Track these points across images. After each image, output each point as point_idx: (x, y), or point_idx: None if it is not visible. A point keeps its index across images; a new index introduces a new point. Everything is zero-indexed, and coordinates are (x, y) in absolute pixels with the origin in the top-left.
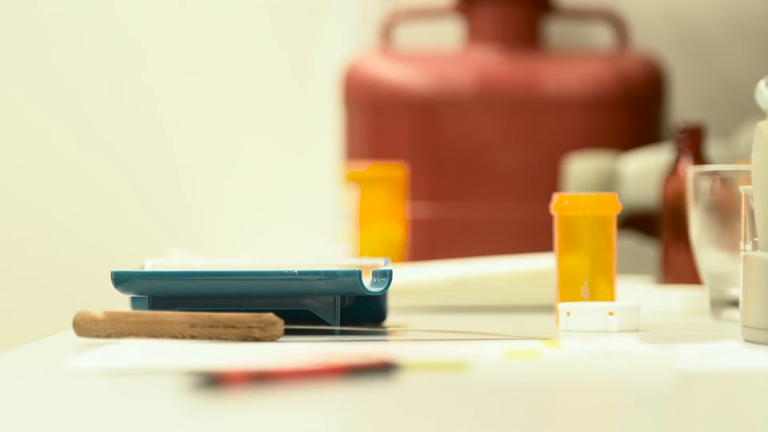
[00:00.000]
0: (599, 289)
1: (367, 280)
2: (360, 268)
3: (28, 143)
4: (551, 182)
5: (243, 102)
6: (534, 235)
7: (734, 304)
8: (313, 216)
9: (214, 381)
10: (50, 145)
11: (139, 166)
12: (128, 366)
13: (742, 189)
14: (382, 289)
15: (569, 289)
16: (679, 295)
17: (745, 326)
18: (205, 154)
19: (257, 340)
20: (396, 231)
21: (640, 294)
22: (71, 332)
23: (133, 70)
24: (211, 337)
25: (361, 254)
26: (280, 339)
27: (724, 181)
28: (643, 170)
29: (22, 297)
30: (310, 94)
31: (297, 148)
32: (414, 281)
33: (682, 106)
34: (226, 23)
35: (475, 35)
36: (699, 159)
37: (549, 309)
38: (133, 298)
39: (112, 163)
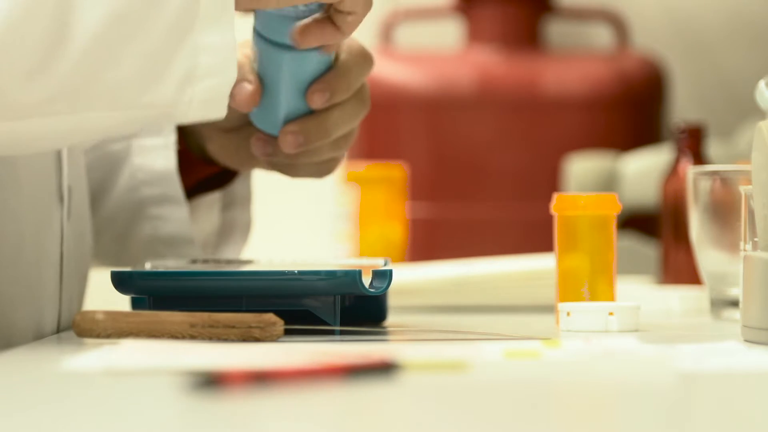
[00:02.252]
0: (599, 289)
1: (367, 280)
2: (360, 268)
3: None
4: (551, 182)
5: None
6: (534, 235)
7: (734, 304)
8: (313, 216)
9: (214, 381)
10: None
11: None
12: (128, 366)
13: (742, 189)
14: (382, 289)
15: (569, 289)
16: (679, 295)
17: (745, 326)
18: None
19: (257, 340)
20: (396, 231)
21: (640, 294)
22: (71, 332)
23: None
24: (211, 337)
25: (361, 254)
26: (280, 339)
27: (724, 181)
28: (643, 170)
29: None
30: None
31: None
32: (414, 281)
33: (682, 106)
34: None
35: (475, 35)
36: (699, 159)
37: (549, 309)
38: (133, 298)
39: None
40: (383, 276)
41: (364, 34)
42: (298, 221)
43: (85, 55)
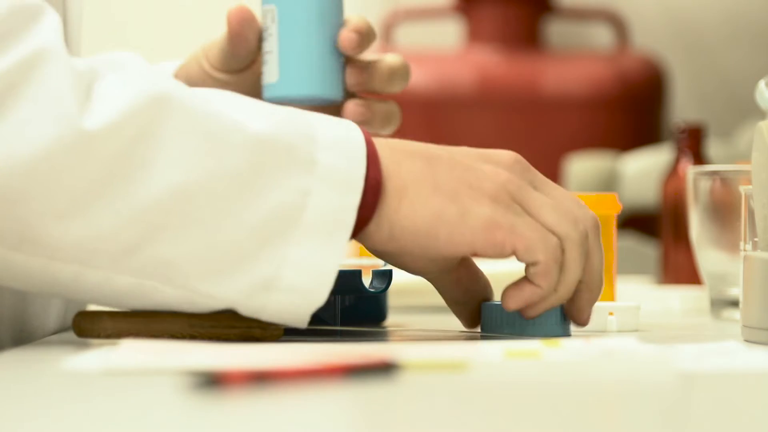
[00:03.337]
0: None
1: (367, 280)
2: (360, 268)
3: None
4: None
5: None
6: None
7: (734, 304)
8: None
9: (214, 381)
10: None
11: None
12: (128, 366)
13: (742, 189)
14: (382, 289)
15: None
16: (679, 295)
17: (745, 326)
18: None
19: (257, 340)
20: None
21: (640, 294)
22: (71, 332)
23: None
24: (211, 337)
25: (361, 254)
26: (280, 339)
27: (724, 181)
28: (643, 170)
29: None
30: None
31: None
32: (414, 281)
33: (682, 106)
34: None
35: (475, 35)
36: (699, 159)
37: None
38: None
39: None
40: (383, 276)
41: None
42: None
43: (132, 218)
